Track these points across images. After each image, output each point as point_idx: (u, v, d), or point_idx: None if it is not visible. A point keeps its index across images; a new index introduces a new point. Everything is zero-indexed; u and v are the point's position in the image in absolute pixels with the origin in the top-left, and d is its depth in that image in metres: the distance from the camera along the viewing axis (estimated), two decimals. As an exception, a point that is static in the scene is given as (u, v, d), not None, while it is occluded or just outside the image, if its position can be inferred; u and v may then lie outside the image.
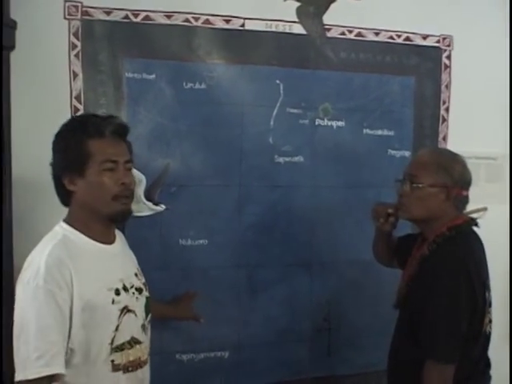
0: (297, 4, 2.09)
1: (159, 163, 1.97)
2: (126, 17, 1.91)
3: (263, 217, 2.11)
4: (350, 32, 2.17)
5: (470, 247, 1.60)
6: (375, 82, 2.22)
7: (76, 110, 1.88)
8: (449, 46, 2.30)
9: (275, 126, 2.10)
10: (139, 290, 1.48)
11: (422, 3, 2.23)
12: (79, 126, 1.40)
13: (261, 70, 2.07)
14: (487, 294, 1.60)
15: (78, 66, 1.88)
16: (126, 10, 1.91)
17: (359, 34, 2.18)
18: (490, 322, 1.64)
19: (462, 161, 1.63)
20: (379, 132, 2.24)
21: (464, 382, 1.56)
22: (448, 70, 2.31)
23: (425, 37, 2.27)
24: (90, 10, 1.88)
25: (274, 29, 2.07)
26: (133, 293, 1.44)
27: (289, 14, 2.09)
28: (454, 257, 1.54)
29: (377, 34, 2.20)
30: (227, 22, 2.02)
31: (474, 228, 1.65)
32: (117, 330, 1.37)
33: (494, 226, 1.70)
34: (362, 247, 2.03)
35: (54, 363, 1.25)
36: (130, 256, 1.58)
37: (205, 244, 2.04)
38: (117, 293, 1.39)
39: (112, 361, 1.37)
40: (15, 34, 1.78)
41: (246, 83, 2.06)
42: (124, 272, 1.46)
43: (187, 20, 1.98)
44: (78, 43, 1.87)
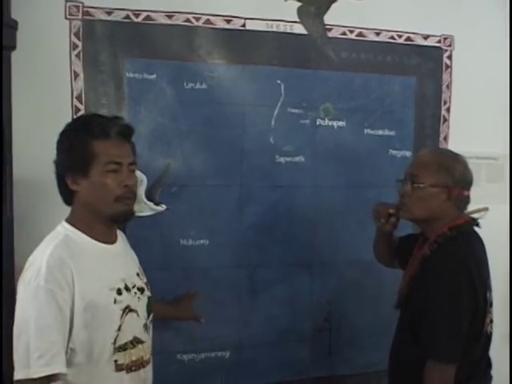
0: (298, 4, 2.09)
1: (160, 163, 1.97)
2: (127, 17, 1.91)
3: (264, 217, 2.11)
4: (351, 32, 2.17)
5: (471, 247, 1.60)
6: (376, 82, 2.22)
7: (77, 110, 1.88)
8: (450, 46, 2.30)
9: (276, 125, 2.10)
10: (141, 290, 1.48)
11: (423, 3, 2.23)
12: (84, 126, 1.39)
13: (262, 70, 2.07)
14: (488, 294, 1.60)
15: (79, 66, 1.88)
16: (126, 10, 1.91)
17: (360, 34, 2.18)
18: (491, 321, 1.64)
19: (463, 161, 1.63)
20: (380, 132, 2.24)
21: (465, 382, 1.56)
22: (449, 70, 2.31)
23: (426, 37, 2.27)
24: (91, 10, 1.88)
25: (274, 29, 2.07)
26: (135, 292, 1.44)
27: (290, 14, 2.09)
28: (455, 257, 1.54)
29: (378, 34, 2.20)
30: (228, 21, 2.02)
31: (475, 228, 1.65)
32: (119, 329, 1.37)
33: (494, 226, 1.69)
34: (362, 247, 2.03)
35: (55, 362, 1.25)
36: (131, 256, 1.58)
37: (206, 244, 2.04)
38: (119, 292, 1.38)
39: (115, 361, 1.37)
40: (16, 34, 1.78)
41: (246, 83, 2.06)
42: (126, 272, 1.46)
43: (188, 20, 1.98)
44: (79, 43, 1.88)
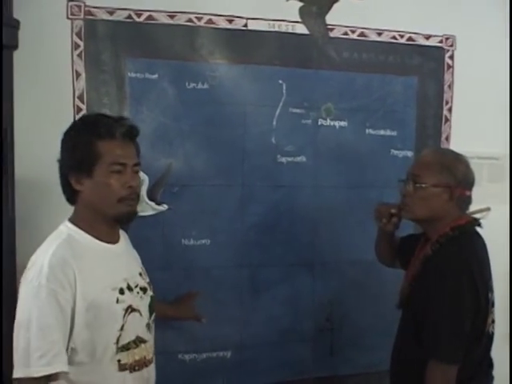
0: (300, 4, 2.09)
1: (162, 163, 1.97)
2: (129, 17, 1.91)
3: (266, 217, 2.11)
4: (353, 32, 2.17)
5: (473, 247, 1.60)
6: (378, 82, 2.21)
7: (79, 109, 1.88)
8: (452, 46, 2.30)
9: (278, 125, 2.10)
10: (144, 290, 1.48)
11: (424, 3, 2.23)
12: (90, 126, 1.38)
13: (263, 70, 2.07)
14: (490, 294, 1.60)
15: (80, 66, 1.88)
16: (128, 9, 1.91)
17: (362, 34, 2.18)
18: (493, 322, 1.64)
19: (465, 161, 1.63)
20: (382, 132, 2.23)
21: (467, 382, 1.56)
22: (451, 70, 2.31)
23: (427, 37, 2.27)
24: (93, 9, 1.88)
25: (276, 29, 2.07)
26: (137, 292, 1.44)
27: (291, 14, 2.09)
28: (457, 257, 1.54)
29: (379, 34, 2.20)
30: (230, 21, 2.02)
31: (477, 228, 1.64)
32: (122, 329, 1.37)
33: (495, 226, 1.69)
34: (364, 247, 2.02)
35: (56, 362, 1.25)
36: (134, 255, 1.58)
37: (207, 244, 2.04)
38: (121, 292, 1.38)
39: (118, 360, 1.37)
40: (18, 34, 1.78)
41: (248, 83, 2.06)
42: (128, 271, 1.46)
43: (190, 20, 1.98)
44: (81, 43, 1.88)
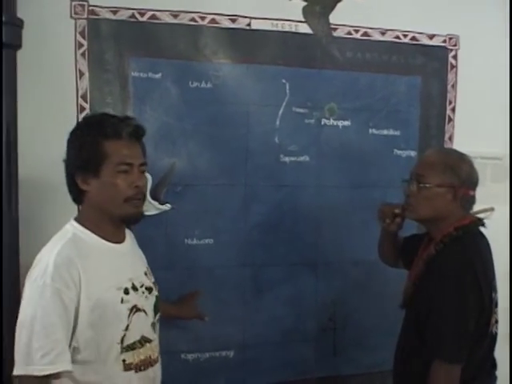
0: (303, 3, 2.09)
1: (165, 162, 1.97)
2: (133, 16, 1.91)
3: (269, 216, 2.11)
4: (357, 31, 2.16)
5: (476, 247, 1.59)
6: (381, 81, 2.21)
7: (82, 109, 1.88)
8: (455, 45, 2.30)
9: (281, 125, 2.10)
10: (149, 289, 1.47)
11: (428, 3, 2.22)
12: (96, 125, 1.38)
13: (267, 70, 2.07)
14: (493, 294, 1.60)
15: (84, 65, 1.88)
16: (132, 9, 1.91)
17: (365, 34, 2.18)
18: (497, 322, 1.63)
19: (469, 161, 1.63)
20: (385, 132, 2.23)
21: (470, 382, 1.55)
22: (454, 69, 2.31)
23: (431, 36, 2.26)
24: (97, 9, 1.88)
25: (280, 28, 2.07)
26: (142, 292, 1.44)
27: (295, 14, 2.08)
28: (460, 257, 1.54)
29: (383, 33, 2.20)
30: (233, 21, 2.02)
31: (481, 228, 1.64)
32: (127, 329, 1.37)
33: (496, 226, 1.69)
34: (367, 247, 2.02)
35: (59, 361, 1.25)
36: (139, 255, 1.58)
37: (210, 243, 2.04)
38: (126, 292, 1.38)
39: (123, 360, 1.37)
40: (22, 33, 1.78)
41: (251, 82, 2.06)
42: (133, 271, 1.45)
43: (193, 19, 1.98)
44: (85, 42, 1.88)
